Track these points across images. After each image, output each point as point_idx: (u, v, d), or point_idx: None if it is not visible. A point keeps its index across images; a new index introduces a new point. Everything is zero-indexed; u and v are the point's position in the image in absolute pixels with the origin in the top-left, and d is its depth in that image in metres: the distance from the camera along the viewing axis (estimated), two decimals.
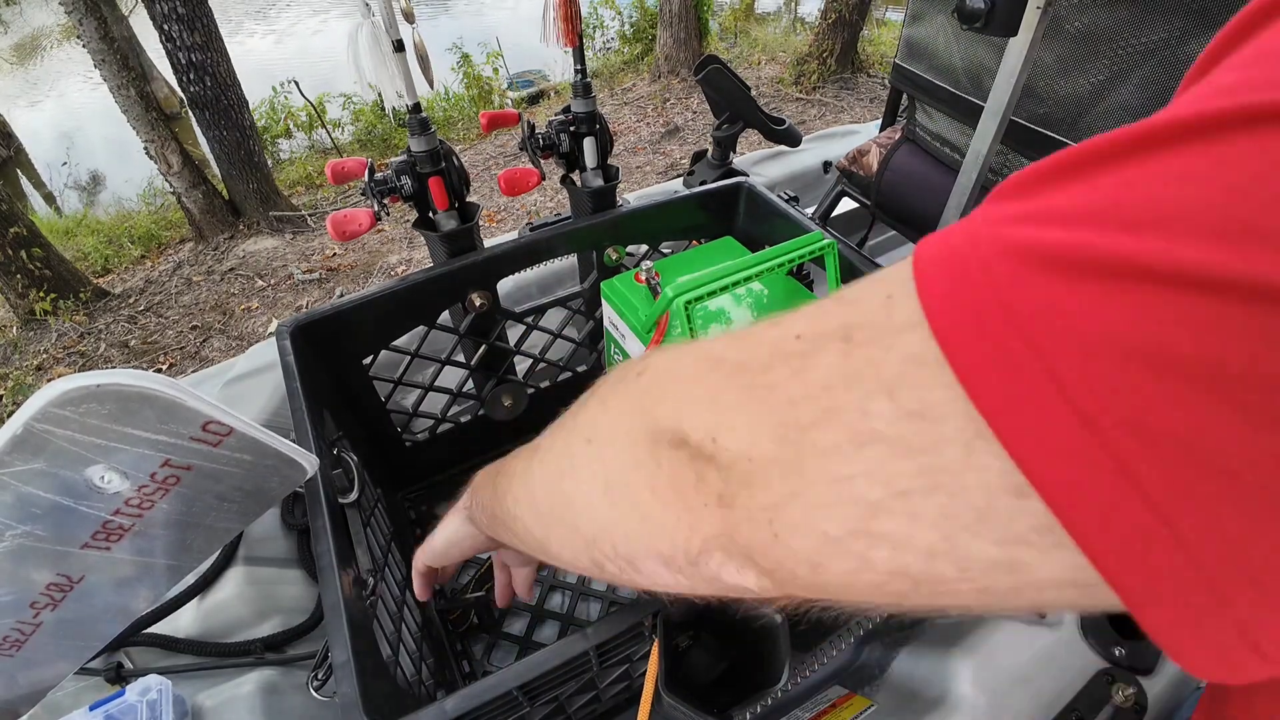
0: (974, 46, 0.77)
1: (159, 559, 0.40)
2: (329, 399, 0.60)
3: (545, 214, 2.36)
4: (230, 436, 0.36)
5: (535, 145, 0.70)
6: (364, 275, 3.40)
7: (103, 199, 5.38)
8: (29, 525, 0.33)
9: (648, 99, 5.03)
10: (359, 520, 0.52)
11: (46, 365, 3.00)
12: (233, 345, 3.03)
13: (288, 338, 0.56)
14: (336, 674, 0.36)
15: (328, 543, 0.42)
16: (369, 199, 0.61)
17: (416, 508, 0.81)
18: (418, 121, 0.60)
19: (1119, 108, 0.63)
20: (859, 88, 4.92)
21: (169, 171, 3.59)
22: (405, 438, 0.76)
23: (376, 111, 5.23)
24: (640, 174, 4.07)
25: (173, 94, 5.88)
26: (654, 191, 1.13)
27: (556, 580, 0.74)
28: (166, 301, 3.37)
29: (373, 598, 0.49)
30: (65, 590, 0.37)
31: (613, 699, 0.55)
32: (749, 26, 6.76)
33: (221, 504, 0.40)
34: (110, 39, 3.26)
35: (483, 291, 0.68)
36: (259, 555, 0.66)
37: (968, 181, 0.70)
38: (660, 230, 0.76)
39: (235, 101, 3.64)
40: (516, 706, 0.40)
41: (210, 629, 0.60)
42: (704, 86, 0.93)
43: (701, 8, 5.23)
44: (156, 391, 0.32)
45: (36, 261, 3.09)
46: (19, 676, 0.40)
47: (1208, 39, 0.58)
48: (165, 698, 0.52)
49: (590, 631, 0.38)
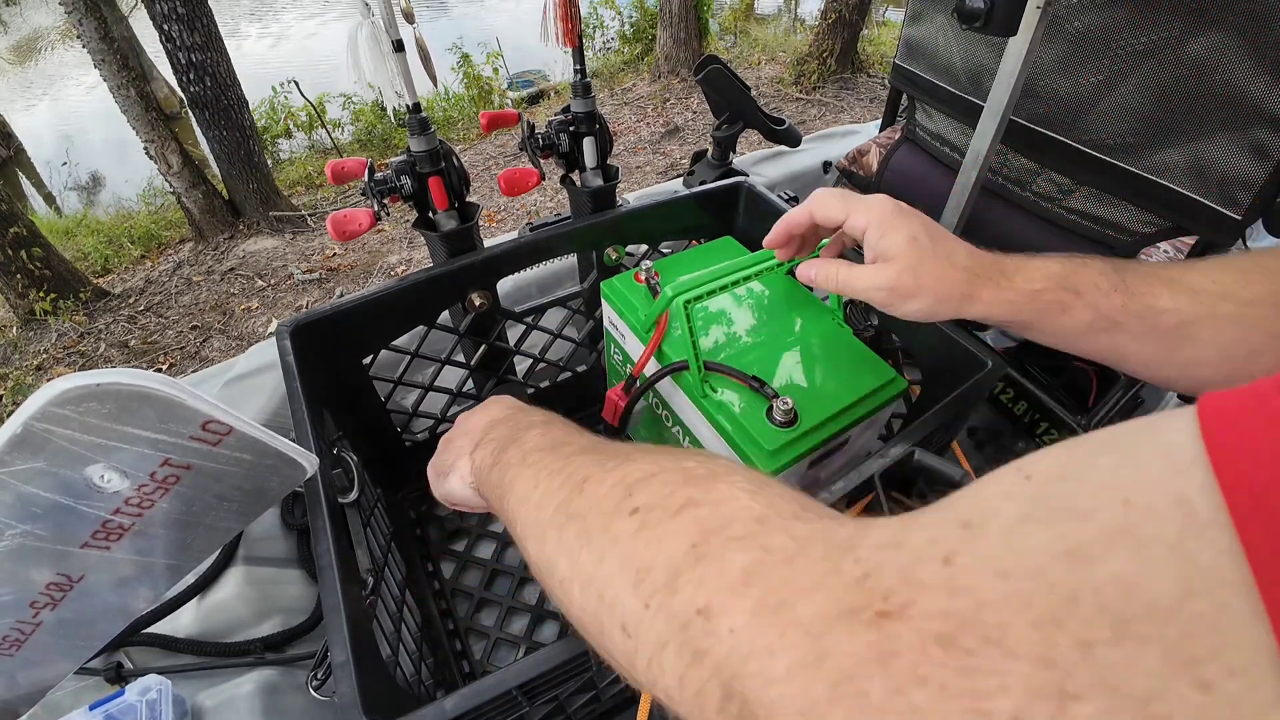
0: (973, 46, 0.76)
1: (159, 558, 0.40)
2: (329, 399, 0.60)
3: (545, 214, 2.36)
4: (230, 436, 0.36)
5: (535, 145, 0.70)
6: (364, 275, 3.40)
7: (103, 199, 5.37)
8: (29, 524, 0.33)
9: (648, 99, 5.03)
10: (359, 520, 0.52)
11: (46, 365, 3.00)
12: (233, 345, 3.03)
13: (288, 338, 0.56)
14: (336, 674, 0.36)
15: (327, 542, 0.42)
16: (369, 199, 0.61)
17: (416, 508, 0.81)
18: (417, 121, 0.60)
19: (1119, 108, 0.63)
20: (859, 88, 4.92)
21: (169, 171, 3.59)
22: (405, 438, 0.76)
23: (376, 111, 5.23)
24: (640, 174, 4.07)
25: (173, 94, 5.88)
26: (654, 191, 1.13)
27: None
28: (166, 301, 3.37)
29: (372, 597, 0.49)
30: (65, 590, 0.37)
31: (612, 699, 0.55)
32: (749, 26, 6.76)
33: (221, 503, 0.40)
34: (110, 39, 3.26)
35: (483, 291, 0.68)
36: (259, 555, 0.66)
37: (967, 181, 0.70)
38: (660, 230, 0.76)
39: (235, 101, 3.64)
40: (516, 706, 0.40)
41: (210, 629, 0.60)
42: (704, 86, 0.93)
43: (701, 8, 5.23)
44: (156, 391, 0.32)
45: (36, 261, 3.09)
46: (19, 676, 0.40)
47: (1207, 39, 0.57)
48: (165, 697, 0.52)
49: None
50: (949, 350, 0.57)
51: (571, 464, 0.30)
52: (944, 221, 0.69)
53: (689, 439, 0.60)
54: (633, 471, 0.26)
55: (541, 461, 0.32)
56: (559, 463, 0.31)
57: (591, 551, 0.25)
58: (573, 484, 0.28)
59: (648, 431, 0.67)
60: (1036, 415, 0.82)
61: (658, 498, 0.24)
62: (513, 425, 0.39)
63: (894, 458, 0.45)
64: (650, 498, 0.25)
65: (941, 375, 0.58)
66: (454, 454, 0.43)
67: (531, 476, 0.31)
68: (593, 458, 0.29)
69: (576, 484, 0.28)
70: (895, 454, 0.45)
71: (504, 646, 0.69)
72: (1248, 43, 0.53)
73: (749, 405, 0.49)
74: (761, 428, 0.48)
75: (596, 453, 0.30)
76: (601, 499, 0.26)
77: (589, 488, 0.27)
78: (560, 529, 0.27)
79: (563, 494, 0.28)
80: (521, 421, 0.39)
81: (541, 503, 0.30)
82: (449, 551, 0.77)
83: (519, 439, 0.36)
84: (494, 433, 0.40)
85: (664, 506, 0.24)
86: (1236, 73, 0.55)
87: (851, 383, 0.53)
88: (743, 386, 0.50)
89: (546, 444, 0.34)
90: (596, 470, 0.28)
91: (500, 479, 0.35)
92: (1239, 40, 0.54)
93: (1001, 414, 0.87)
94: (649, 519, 0.24)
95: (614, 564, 0.24)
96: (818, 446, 0.48)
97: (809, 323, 0.60)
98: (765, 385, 0.49)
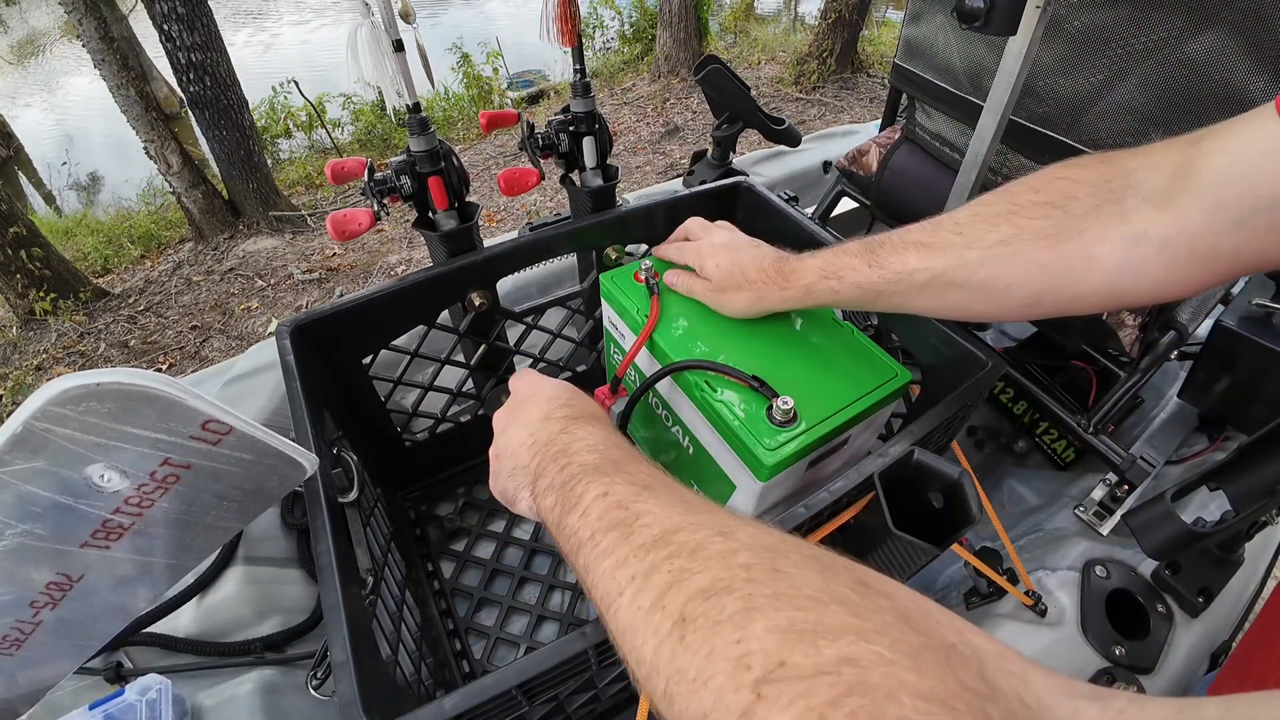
0: (973, 46, 0.76)
1: (158, 558, 0.40)
2: (329, 398, 0.60)
3: (545, 214, 2.36)
4: (230, 435, 0.36)
5: (535, 145, 0.70)
6: (364, 275, 3.40)
7: (102, 199, 5.37)
8: (29, 524, 0.33)
9: (647, 99, 5.03)
10: (358, 520, 0.52)
11: (46, 365, 3.00)
12: (232, 345, 3.03)
13: (287, 337, 0.56)
14: (335, 673, 0.36)
15: (327, 542, 0.42)
16: (369, 199, 0.61)
17: (416, 508, 0.81)
18: (417, 121, 0.60)
19: (1119, 107, 0.63)
20: (859, 88, 4.92)
21: (169, 171, 3.59)
22: (405, 437, 0.76)
23: (376, 111, 5.23)
24: (640, 174, 4.07)
25: (173, 94, 5.88)
26: (654, 191, 1.13)
27: (556, 580, 0.74)
28: (166, 301, 3.37)
29: (372, 597, 0.49)
30: (65, 589, 0.37)
31: (612, 698, 0.55)
32: (749, 26, 6.76)
33: (221, 503, 0.40)
34: (110, 39, 3.26)
35: (482, 291, 0.68)
36: (258, 555, 0.66)
37: (967, 181, 0.70)
38: (660, 230, 0.76)
39: (235, 101, 3.64)
40: (515, 706, 0.40)
41: (210, 628, 0.60)
42: (704, 86, 0.93)
43: (701, 7, 5.23)
44: (156, 390, 0.32)
45: (36, 261, 3.09)
46: (18, 675, 0.40)
47: (1207, 38, 0.57)
48: (165, 697, 0.52)
49: (589, 630, 0.38)
50: (948, 350, 0.57)
51: (657, 575, 0.27)
52: None
53: (689, 439, 0.60)
54: (754, 639, 0.22)
55: (616, 553, 0.29)
56: (639, 563, 0.28)
57: (688, 676, 0.23)
58: (670, 621, 0.25)
59: (646, 430, 0.67)
60: (1036, 415, 0.82)
61: (799, 691, 0.20)
62: (563, 463, 0.37)
63: (894, 457, 0.45)
64: (784, 694, 0.20)
65: (941, 375, 0.58)
66: (513, 486, 0.42)
67: (610, 574, 0.29)
68: (681, 564, 0.26)
69: (675, 624, 0.25)
70: (895, 453, 0.45)
71: (503, 646, 0.69)
72: (1247, 42, 0.53)
73: (749, 405, 0.49)
74: (761, 427, 0.48)
75: (683, 552, 0.27)
76: (716, 676, 0.22)
77: (692, 642, 0.23)
78: (668, 680, 0.24)
79: (660, 633, 0.25)
80: (573, 460, 0.36)
81: (634, 626, 0.27)
82: (449, 551, 0.77)
83: (579, 498, 0.33)
84: (547, 474, 0.37)
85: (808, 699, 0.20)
86: (1236, 72, 0.55)
87: (852, 380, 0.53)
88: (742, 386, 0.50)
89: (615, 517, 0.31)
90: (699, 608, 0.24)
91: (574, 550, 0.33)
92: (1239, 39, 0.54)
93: (1001, 414, 0.87)
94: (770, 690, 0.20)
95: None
96: (818, 445, 0.48)
97: (808, 320, 0.60)
98: (764, 384, 0.49)
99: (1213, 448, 0.76)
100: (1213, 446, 0.76)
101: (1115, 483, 0.71)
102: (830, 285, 0.48)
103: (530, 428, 0.42)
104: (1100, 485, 0.72)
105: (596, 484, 0.34)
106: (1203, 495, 0.64)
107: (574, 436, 0.39)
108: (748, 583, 0.24)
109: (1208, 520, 0.54)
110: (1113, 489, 0.71)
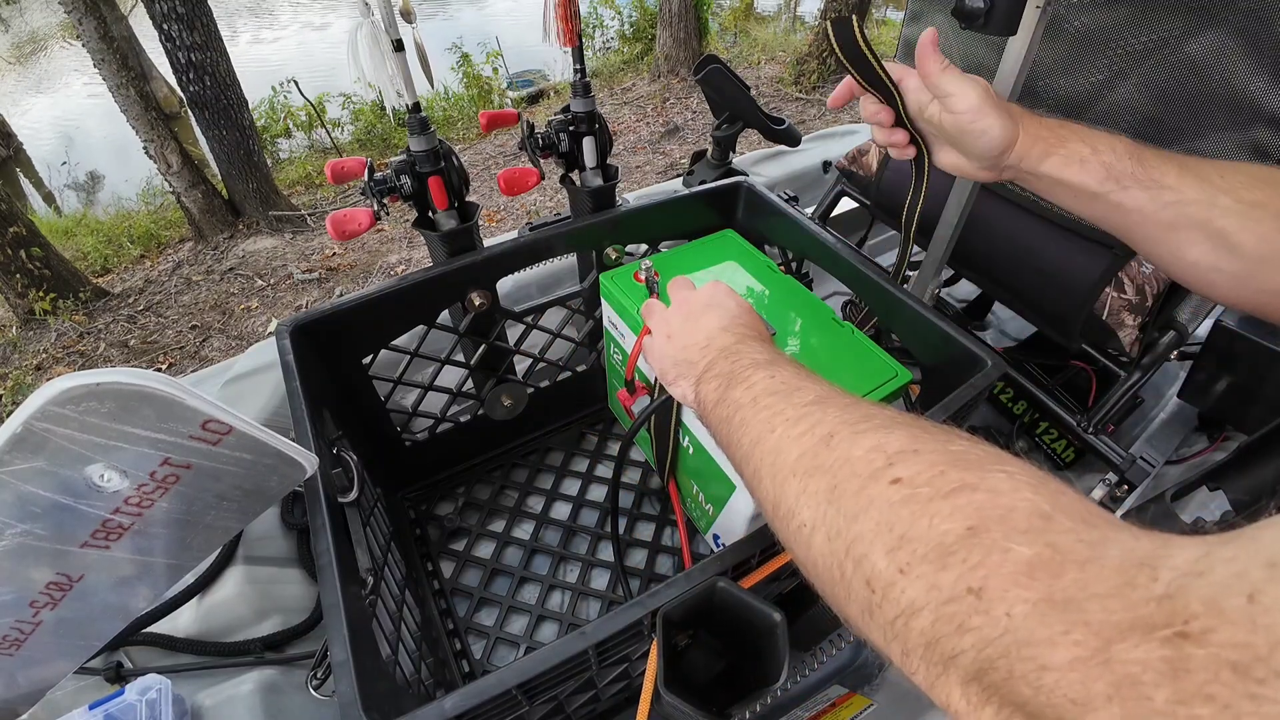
0: (973, 46, 0.76)
1: (158, 558, 0.40)
2: (329, 398, 0.60)
3: (545, 214, 2.36)
4: (230, 435, 0.36)
5: (535, 145, 0.70)
6: (364, 275, 3.40)
7: (102, 199, 5.36)
8: (29, 524, 0.33)
9: (647, 99, 5.03)
10: (358, 520, 0.52)
11: (46, 365, 3.00)
12: (232, 345, 3.03)
13: (287, 337, 0.56)
14: (335, 673, 0.36)
15: (327, 542, 0.42)
16: (369, 198, 0.61)
17: (416, 507, 0.81)
18: (417, 121, 0.60)
19: (1119, 107, 0.63)
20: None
21: (168, 171, 3.59)
22: (405, 437, 0.76)
23: (376, 111, 5.23)
24: (640, 174, 4.07)
25: (172, 94, 5.88)
26: (654, 191, 1.13)
27: (556, 580, 0.74)
28: (166, 301, 3.37)
29: (372, 597, 0.49)
30: (65, 589, 0.37)
31: (612, 698, 0.55)
32: (749, 26, 6.76)
33: (221, 503, 0.40)
34: (110, 38, 3.25)
35: (482, 291, 0.68)
36: (258, 555, 0.66)
37: (967, 181, 0.70)
38: (660, 230, 0.76)
39: (235, 101, 3.64)
40: (515, 705, 0.40)
41: (210, 628, 0.60)
42: (704, 86, 0.93)
43: (701, 7, 5.22)
44: (156, 390, 0.32)
45: (36, 261, 3.09)
46: (18, 675, 0.40)
47: (1207, 38, 0.57)
48: (165, 697, 0.52)
49: (589, 630, 0.38)
50: (949, 350, 0.57)
51: (811, 415, 0.31)
52: (944, 221, 0.69)
53: (688, 438, 0.60)
54: (892, 441, 0.28)
55: (775, 406, 0.34)
56: (796, 411, 0.32)
57: (842, 508, 0.27)
58: (816, 437, 0.30)
59: (646, 430, 0.67)
60: (1036, 415, 0.82)
61: (925, 475, 0.26)
62: (734, 359, 0.40)
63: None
64: (916, 472, 0.26)
65: (941, 375, 0.58)
66: (675, 374, 0.45)
67: (766, 420, 0.33)
68: (835, 413, 0.31)
69: (821, 438, 0.30)
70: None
71: (503, 646, 0.69)
72: (1247, 42, 0.53)
73: None
74: None
75: (835, 407, 0.31)
76: (856, 460, 0.28)
77: (837, 445, 0.29)
78: (804, 478, 0.29)
79: (806, 444, 0.30)
80: (744, 357, 0.40)
81: (780, 447, 0.31)
82: (448, 551, 0.77)
83: (746, 378, 0.37)
84: (716, 368, 0.41)
85: (933, 485, 0.25)
86: (1236, 72, 0.55)
87: (852, 380, 0.53)
88: None
89: (778, 387, 0.35)
90: (844, 429, 0.29)
91: (729, 416, 0.37)
92: (1239, 40, 0.54)
93: (1001, 414, 0.87)
94: (916, 494, 0.25)
95: (868, 525, 0.26)
96: None
97: (809, 321, 0.60)
98: None
99: (1212, 448, 0.76)
100: (1213, 446, 0.76)
101: (1115, 482, 0.71)
102: (1080, 152, 0.44)
103: (707, 332, 0.44)
104: (1100, 485, 0.72)
105: (764, 370, 0.37)
106: (1203, 495, 0.64)
107: (749, 347, 0.41)
108: (892, 422, 0.29)
109: (1208, 520, 0.54)
110: (1113, 489, 0.71)
